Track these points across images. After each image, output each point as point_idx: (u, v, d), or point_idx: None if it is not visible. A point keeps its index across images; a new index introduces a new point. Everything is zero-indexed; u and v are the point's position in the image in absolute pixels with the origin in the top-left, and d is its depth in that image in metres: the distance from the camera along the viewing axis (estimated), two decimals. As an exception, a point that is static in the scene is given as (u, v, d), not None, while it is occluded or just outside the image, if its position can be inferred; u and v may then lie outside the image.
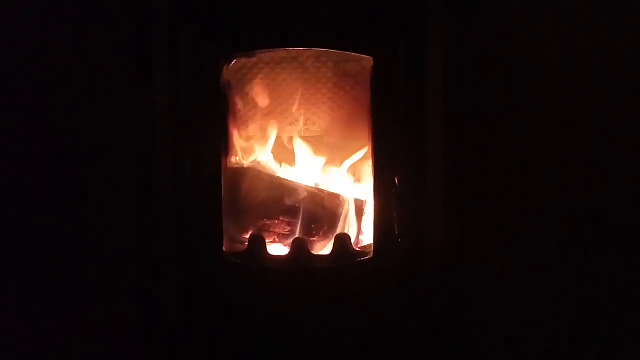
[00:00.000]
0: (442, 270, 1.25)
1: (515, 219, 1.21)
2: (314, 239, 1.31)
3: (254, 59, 1.35)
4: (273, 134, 1.37)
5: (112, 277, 1.25)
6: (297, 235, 1.29)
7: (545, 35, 1.17)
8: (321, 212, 1.32)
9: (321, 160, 1.38)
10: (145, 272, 1.25)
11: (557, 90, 1.17)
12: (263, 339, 1.26)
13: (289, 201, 1.31)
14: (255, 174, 1.34)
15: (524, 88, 1.19)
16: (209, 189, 1.23)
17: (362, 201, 1.35)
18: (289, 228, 1.31)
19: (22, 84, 1.21)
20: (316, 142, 1.38)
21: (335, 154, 1.39)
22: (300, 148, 1.37)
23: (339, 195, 1.36)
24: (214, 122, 1.24)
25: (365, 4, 1.21)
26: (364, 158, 1.35)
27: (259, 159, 1.38)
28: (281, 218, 1.31)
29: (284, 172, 1.38)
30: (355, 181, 1.39)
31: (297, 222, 1.31)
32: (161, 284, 1.25)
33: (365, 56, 1.25)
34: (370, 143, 1.27)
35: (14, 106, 1.21)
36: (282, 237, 1.32)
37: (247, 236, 1.28)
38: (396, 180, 1.24)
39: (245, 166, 1.36)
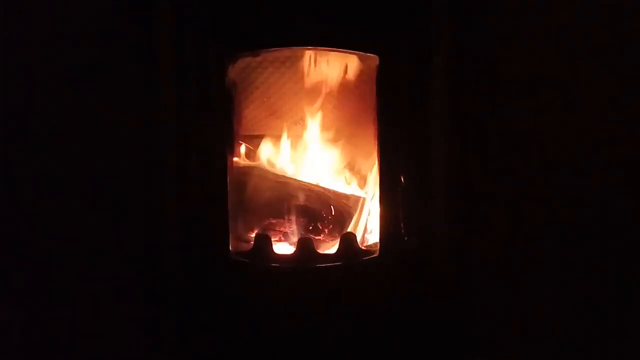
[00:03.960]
0: (448, 269, 1.25)
1: (519, 218, 1.21)
2: (320, 237, 1.31)
3: (259, 58, 1.36)
4: (278, 133, 1.37)
5: (118, 277, 1.25)
6: (302, 234, 1.29)
7: (549, 35, 1.17)
8: (327, 211, 1.32)
9: (327, 159, 1.39)
10: (151, 271, 1.25)
11: (560, 91, 1.17)
12: (269, 337, 1.26)
13: (294, 200, 1.31)
14: (260, 173, 1.34)
15: (528, 88, 1.19)
16: (215, 188, 1.23)
17: (368, 200, 1.35)
18: (294, 227, 1.31)
19: (26, 83, 1.21)
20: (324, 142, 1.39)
21: (340, 153, 1.39)
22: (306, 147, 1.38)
23: (344, 194, 1.36)
24: (219, 121, 1.24)
25: (370, 3, 1.21)
26: (369, 157, 1.35)
27: (264, 158, 1.38)
28: (287, 217, 1.31)
29: (290, 171, 1.38)
30: (361, 180, 1.39)
31: (303, 221, 1.31)
32: (167, 283, 1.25)
33: (370, 55, 1.25)
34: (376, 142, 1.27)
35: (19, 106, 1.21)
36: (287, 236, 1.32)
37: (253, 235, 1.29)
38: (402, 179, 1.24)
39: (250, 165, 1.36)
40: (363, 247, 1.29)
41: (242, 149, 1.36)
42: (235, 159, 1.32)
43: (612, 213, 1.14)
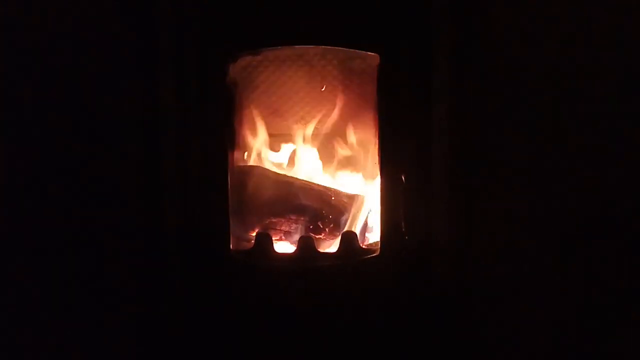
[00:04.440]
0: (448, 267, 1.25)
1: (520, 217, 1.21)
2: (321, 236, 1.32)
3: (259, 57, 1.35)
4: (279, 132, 1.37)
5: (118, 275, 1.26)
6: (303, 233, 1.29)
7: (549, 35, 1.16)
8: (328, 209, 1.32)
9: (327, 158, 1.39)
10: (152, 270, 1.26)
11: (560, 90, 1.17)
12: (269, 336, 1.26)
13: (295, 199, 1.31)
14: (261, 172, 1.34)
15: (529, 87, 1.19)
16: (216, 188, 1.24)
17: (369, 199, 1.35)
18: (295, 226, 1.31)
19: (26, 83, 1.22)
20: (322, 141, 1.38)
21: (341, 152, 1.39)
22: (307, 146, 1.38)
23: (345, 193, 1.36)
24: (220, 120, 1.24)
25: (371, 1, 1.21)
26: (370, 156, 1.35)
27: (265, 157, 1.38)
28: (287, 216, 1.31)
29: (290, 170, 1.38)
30: (362, 179, 1.39)
31: (304, 220, 1.31)
32: (168, 282, 1.26)
33: (371, 53, 1.25)
34: (377, 140, 1.27)
35: (19, 105, 1.22)
36: (288, 235, 1.32)
37: (254, 234, 1.29)
38: (403, 178, 1.24)
39: (251, 164, 1.36)
40: (364, 246, 1.29)
41: (243, 148, 1.36)
42: (235, 158, 1.32)
43: (612, 213, 1.13)
